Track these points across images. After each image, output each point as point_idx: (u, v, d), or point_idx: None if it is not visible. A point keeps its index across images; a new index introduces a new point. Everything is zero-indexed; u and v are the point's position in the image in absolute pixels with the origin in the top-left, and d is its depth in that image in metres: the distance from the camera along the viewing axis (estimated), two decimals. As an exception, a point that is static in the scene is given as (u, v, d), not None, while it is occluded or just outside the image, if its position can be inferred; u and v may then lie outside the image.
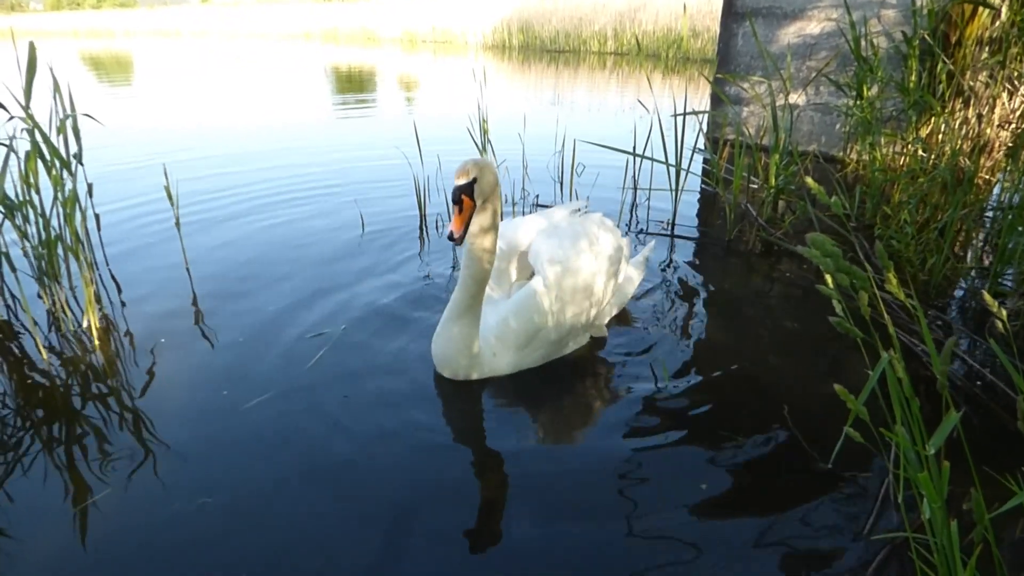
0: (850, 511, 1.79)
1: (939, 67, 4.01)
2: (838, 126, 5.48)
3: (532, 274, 2.55)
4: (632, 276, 2.92)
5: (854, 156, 4.97)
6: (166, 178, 3.16)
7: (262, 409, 2.22)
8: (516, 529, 1.73)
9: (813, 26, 5.47)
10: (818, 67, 5.36)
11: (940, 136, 3.97)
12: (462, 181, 1.98)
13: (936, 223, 3.27)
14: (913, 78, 4.17)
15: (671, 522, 1.76)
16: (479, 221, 2.11)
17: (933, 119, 4.02)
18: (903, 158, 4.23)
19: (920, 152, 3.82)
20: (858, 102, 4.38)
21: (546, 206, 4.43)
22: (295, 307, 2.93)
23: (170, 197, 3.18)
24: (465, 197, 1.99)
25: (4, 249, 2.82)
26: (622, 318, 2.91)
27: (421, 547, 1.67)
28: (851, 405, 1.25)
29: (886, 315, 1.26)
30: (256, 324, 2.80)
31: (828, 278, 1.32)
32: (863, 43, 4.44)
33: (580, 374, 2.49)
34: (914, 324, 2.77)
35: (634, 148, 4.03)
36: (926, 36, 4.06)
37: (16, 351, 2.59)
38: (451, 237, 1.98)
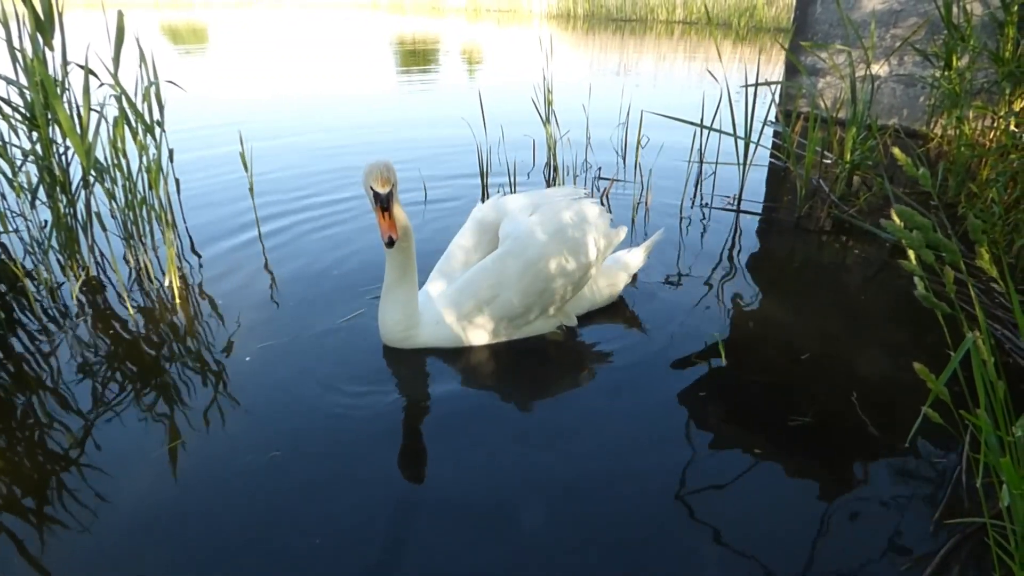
0: (919, 496, 1.74)
1: (1040, 35, 3.71)
2: (922, 99, 5.16)
3: None
4: (621, 269, 2.73)
5: (938, 131, 4.68)
6: (241, 144, 3.27)
7: (325, 371, 2.31)
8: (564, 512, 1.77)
9: (900, -9, 5.14)
10: (903, 35, 5.05)
11: (1038, 110, 3.69)
12: (386, 189, 2.02)
13: (1028, 203, 3.07)
14: (1009, 47, 3.87)
15: (732, 501, 1.74)
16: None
17: (1030, 91, 3.74)
18: (993, 133, 3.96)
19: (1013, 127, 3.57)
20: (946, 73, 4.11)
21: (607, 179, 4.37)
22: (360, 270, 3.01)
23: (244, 163, 3.29)
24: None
25: (96, 209, 2.99)
26: (678, 294, 2.86)
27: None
28: (931, 385, 1.21)
29: (973, 293, 1.20)
30: (322, 287, 2.90)
31: (911, 254, 1.27)
32: (955, 9, 4.15)
33: (609, 351, 2.49)
34: (996, 309, 2.63)
35: (701, 120, 3.91)
36: (1028, 1, 3.76)
37: (105, 306, 2.76)
38: (391, 243, 2.03)
